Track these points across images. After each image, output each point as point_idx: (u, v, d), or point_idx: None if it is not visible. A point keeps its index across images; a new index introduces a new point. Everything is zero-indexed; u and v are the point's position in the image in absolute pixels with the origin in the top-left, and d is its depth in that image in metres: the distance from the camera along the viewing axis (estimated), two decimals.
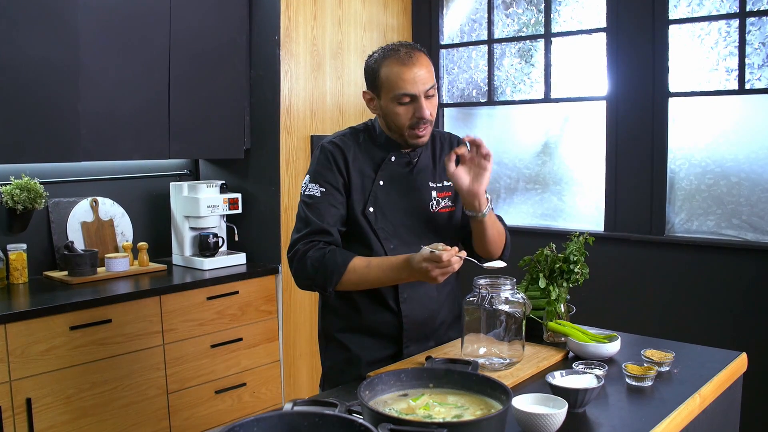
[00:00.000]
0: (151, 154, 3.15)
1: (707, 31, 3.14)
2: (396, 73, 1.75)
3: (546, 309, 1.90)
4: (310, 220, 1.78)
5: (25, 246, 2.94)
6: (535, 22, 3.73)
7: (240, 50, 3.40)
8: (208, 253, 3.31)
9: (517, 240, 3.76)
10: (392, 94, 1.76)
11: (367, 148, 1.87)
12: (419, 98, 1.76)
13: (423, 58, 1.78)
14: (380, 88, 1.79)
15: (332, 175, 1.81)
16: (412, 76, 1.74)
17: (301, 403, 1.21)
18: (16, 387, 2.45)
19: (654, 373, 1.58)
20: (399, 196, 1.86)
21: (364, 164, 1.85)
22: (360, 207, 1.82)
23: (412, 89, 1.75)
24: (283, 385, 3.42)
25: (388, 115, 1.80)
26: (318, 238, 1.77)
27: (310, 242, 1.77)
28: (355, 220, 1.82)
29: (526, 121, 3.78)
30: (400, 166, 1.88)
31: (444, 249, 1.59)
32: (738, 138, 3.07)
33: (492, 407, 1.27)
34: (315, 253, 1.74)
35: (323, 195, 1.80)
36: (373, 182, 1.84)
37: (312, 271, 1.74)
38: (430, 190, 1.91)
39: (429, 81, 1.77)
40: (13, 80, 2.65)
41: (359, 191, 1.83)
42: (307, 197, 1.81)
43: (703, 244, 3.12)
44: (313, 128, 3.54)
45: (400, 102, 1.76)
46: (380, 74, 1.78)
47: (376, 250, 1.82)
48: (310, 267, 1.74)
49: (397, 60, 1.76)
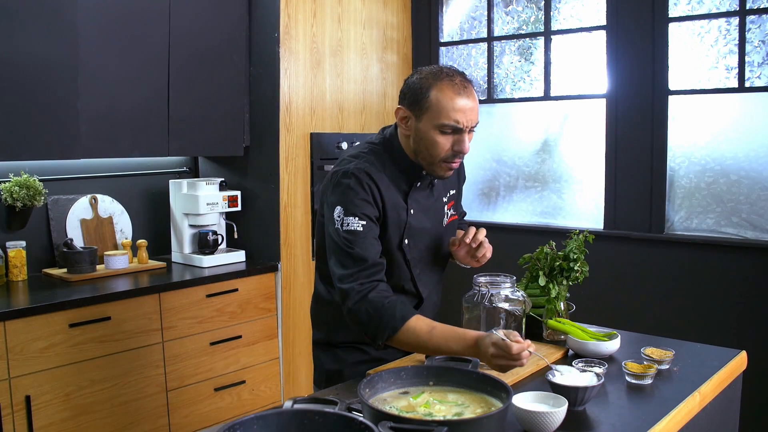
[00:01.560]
0: (150, 151, 3.15)
1: (707, 29, 3.14)
2: (448, 100, 1.64)
3: (546, 307, 1.90)
4: (362, 255, 1.64)
5: (24, 243, 2.93)
6: (534, 20, 3.72)
7: (239, 47, 3.39)
8: (207, 250, 3.31)
9: (516, 238, 3.76)
10: (438, 122, 1.66)
11: (392, 175, 1.76)
12: (464, 132, 1.67)
13: (474, 92, 1.70)
14: (425, 110, 1.67)
15: (369, 208, 1.68)
16: (463, 107, 1.65)
17: (301, 401, 1.21)
18: (15, 384, 2.45)
19: (654, 371, 1.58)
20: (425, 220, 1.83)
21: (396, 195, 1.75)
22: (396, 240, 1.75)
23: (462, 121, 1.65)
24: (282, 383, 3.42)
25: (424, 140, 1.69)
26: (377, 277, 1.65)
27: (368, 281, 1.62)
28: (390, 253, 1.75)
29: (525, 118, 3.78)
30: (423, 190, 1.82)
31: (516, 340, 1.47)
32: (738, 136, 3.07)
33: (492, 405, 1.26)
34: (375, 297, 1.60)
35: (365, 229, 1.66)
36: (407, 213, 1.77)
37: (366, 318, 1.60)
38: (444, 206, 1.90)
39: (476, 117, 1.69)
40: (13, 78, 2.64)
41: (395, 225, 1.74)
42: (348, 233, 1.65)
43: (702, 242, 3.12)
44: (313, 126, 3.54)
45: (443, 131, 1.66)
46: (429, 96, 1.66)
47: (404, 276, 1.79)
48: (365, 313, 1.60)
49: (451, 87, 1.66)
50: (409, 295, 1.82)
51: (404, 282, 1.80)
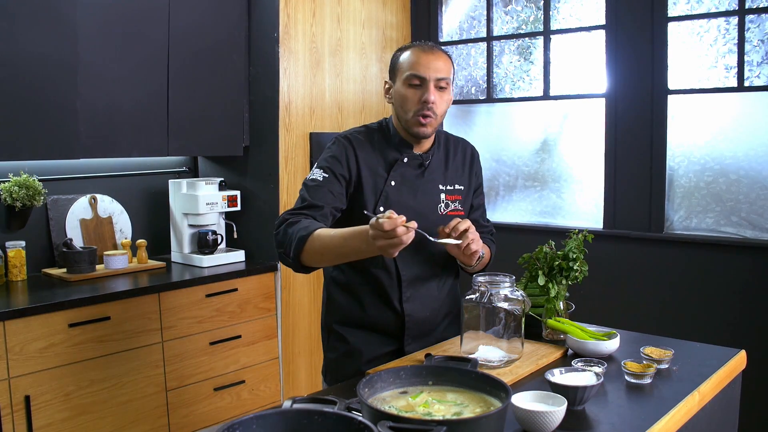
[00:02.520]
0: (150, 151, 3.15)
1: (706, 29, 3.14)
2: (413, 56, 1.82)
3: (545, 306, 1.90)
4: (304, 197, 1.80)
5: (23, 243, 2.93)
6: (534, 20, 3.72)
7: (239, 47, 3.39)
8: (207, 250, 3.31)
9: (516, 237, 3.77)
10: (404, 75, 1.82)
11: (380, 147, 1.89)
12: (428, 83, 1.80)
13: (444, 55, 1.85)
14: (396, 71, 1.86)
15: (339, 166, 1.83)
16: (426, 61, 1.80)
17: (300, 401, 1.21)
18: (14, 384, 2.45)
19: (653, 371, 1.58)
20: (409, 197, 1.87)
21: (377, 164, 1.86)
22: (371, 206, 1.83)
23: (424, 72, 1.79)
24: (282, 383, 3.42)
25: (398, 99, 1.85)
26: (305, 212, 1.77)
27: (297, 214, 1.76)
28: (365, 218, 1.80)
29: (525, 118, 3.78)
30: (412, 168, 1.89)
31: (389, 217, 1.44)
32: (737, 135, 3.07)
33: (491, 405, 1.27)
34: (292, 220, 1.74)
35: (324, 180, 1.80)
36: (385, 182, 1.85)
37: (282, 237, 1.73)
38: (440, 193, 1.92)
39: (443, 71, 1.82)
40: (12, 77, 2.64)
41: (371, 190, 1.84)
42: (309, 181, 1.82)
43: (702, 241, 3.12)
44: (312, 125, 3.54)
45: (411, 84, 1.81)
46: (399, 58, 1.86)
47: None
48: (281, 233, 1.73)
49: (417, 47, 1.84)
50: (386, 271, 1.85)
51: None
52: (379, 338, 1.88)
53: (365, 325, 1.89)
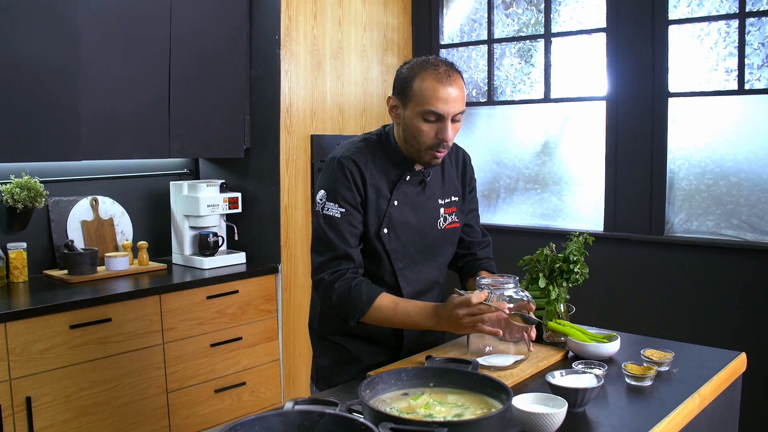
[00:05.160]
0: (151, 153, 3.15)
1: (707, 32, 3.14)
2: (430, 89, 1.69)
3: (546, 309, 1.90)
4: (333, 243, 1.74)
5: (25, 245, 2.93)
6: (535, 22, 3.73)
7: (240, 49, 3.40)
8: (207, 252, 3.32)
9: (516, 240, 3.77)
10: (420, 109, 1.71)
11: (382, 164, 1.82)
12: (446, 120, 1.71)
13: (459, 81, 1.73)
14: (409, 98, 1.73)
15: (350, 194, 1.77)
16: (445, 96, 1.69)
17: (301, 402, 1.21)
18: (15, 386, 2.45)
19: (653, 373, 1.59)
20: (411, 215, 1.85)
21: (381, 184, 1.81)
22: (374, 228, 1.80)
23: (443, 109, 1.69)
24: (283, 385, 3.42)
25: (410, 128, 1.75)
26: (344, 266, 1.74)
27: (335, 271, 1.74)
28: (368, 239, 1.80)
29: (525, 121, 3.78)
30: (413, 185, 1.85)
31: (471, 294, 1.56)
32: (737, 138, 3.08)
33: (492, 406, 1.27)
34: (341, 285, 1.72)
35: (343, 216, 1.75)
36: (388, 203, 1.81)
37: (337, 303, 1.73)
38: (439, 207, 1.91)
39: (460, 105, 1.72)
40: (14, 79, 2.65)
41: (374, 211, 1.80)
42: (326, 217, 1.76)
43: (702, 244, 3.12)
44: (313, 128, 3.54)
45: (426, 119, 1.71)
46: (413, 85, 1.72)
47: (384, 268, 1.83)
48: (335, 299, 1.73)
49: (434, 75, 1.70)
50: (388, 288, 1.82)
51: (384, 274, 1.83)
52: (376, 348, 1.88)
53: (363, 336, 1.88)
